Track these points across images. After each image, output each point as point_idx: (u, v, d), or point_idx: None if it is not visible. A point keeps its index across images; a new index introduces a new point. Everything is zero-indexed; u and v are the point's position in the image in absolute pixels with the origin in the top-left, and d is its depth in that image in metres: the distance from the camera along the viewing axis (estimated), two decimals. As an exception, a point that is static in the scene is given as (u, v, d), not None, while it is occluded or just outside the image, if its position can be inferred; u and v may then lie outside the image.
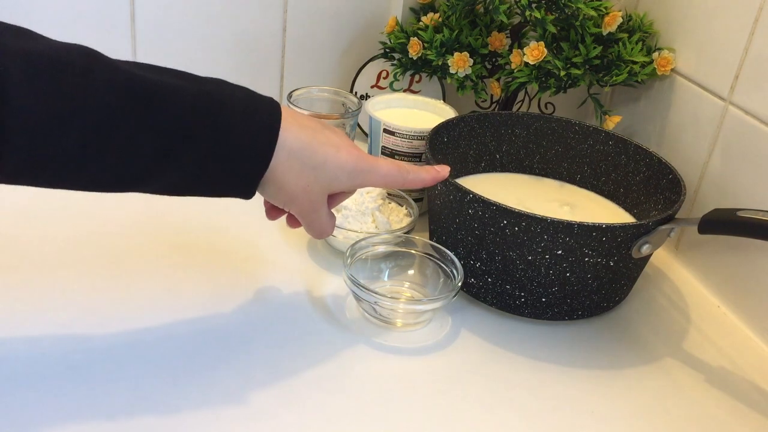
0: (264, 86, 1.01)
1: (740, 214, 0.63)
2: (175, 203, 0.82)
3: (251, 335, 0.65)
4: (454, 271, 0.69)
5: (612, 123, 0.89)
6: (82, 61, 0.50)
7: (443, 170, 0.67)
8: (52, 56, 0.49)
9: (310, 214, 0.62)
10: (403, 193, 0.80)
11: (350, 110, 0.83)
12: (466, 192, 0.66)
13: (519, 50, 0.87)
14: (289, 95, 0.82)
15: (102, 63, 0.51)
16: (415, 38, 0.91)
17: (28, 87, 0.47)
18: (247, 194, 0.60)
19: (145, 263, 0.72)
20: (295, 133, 0.58)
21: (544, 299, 0.69)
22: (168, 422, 0.55)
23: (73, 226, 0.76)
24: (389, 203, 0.80)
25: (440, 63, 0.89)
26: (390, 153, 0.82)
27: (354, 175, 0.61)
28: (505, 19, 0.87)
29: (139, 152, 0.53)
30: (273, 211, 0.67)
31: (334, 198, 0.65)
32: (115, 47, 0.90)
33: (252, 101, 0.57)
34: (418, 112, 0.87)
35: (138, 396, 0.57)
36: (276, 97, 1.03)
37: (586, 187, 0.85)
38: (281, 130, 0.57)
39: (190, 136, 0.54)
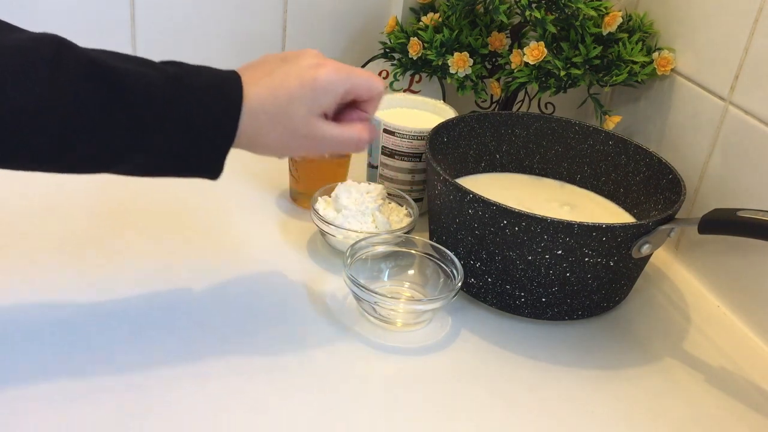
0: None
1: (740, 214, 0.63)
2: (175, 204, 0.82)
3: (251, 335, 0.65)
4: (454, 271, 0.69)
5: (612, 123, 0.89)
6: (51, 51, 0.51)
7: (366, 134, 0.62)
8: (21, 48, 0.50)
9: (321, 146, 0.60)
10: (403, 193, 0.80)
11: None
12: (466, 192, 0.66)
13: (519, 50, 0.87)
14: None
15: (71, 51, 0.52)
16: (415, 38, 0.91)
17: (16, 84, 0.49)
18: (215, 171, 0.60)
19: (144, 263, 0.72)
20: (253, 94, 0.57)
21: (544, 299, 0.69)
22: (168, 422, 0.55)
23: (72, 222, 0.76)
24: (389, 203, 0.80)
25: (440, 63, 0.89)
26: (390, 153, 0.82)
27: (316, 94, 0.58)
28: (505, 19, 0.87)
29: (109, 137, 0.54)
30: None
31: (351, 104, 0.62)
32: (116, 47, 0.90)
33: (213, 78, 0.57)
34: (418, 112, 0.87)
35: (137, 397, 0.57)
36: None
37: (586, 187, 0.85)
38: (243, 97, 0.57)
39: (158, 119, 0.54)
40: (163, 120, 0.54)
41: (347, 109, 0.62)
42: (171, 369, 0.60)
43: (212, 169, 0.60)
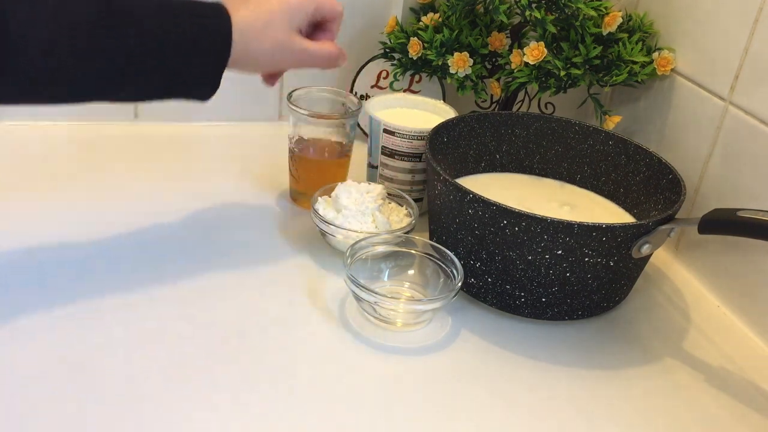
0: (264, 86, 1.01)
1: (740, 214, 0.63)
2: (175, 204, 0.82)
3: (251, 335, 0.65)
4: (454, 271, 0.69)
5: (612, 123, 0.89)
6: None
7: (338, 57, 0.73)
8: None
9: (302, 59, 0.69)
10: (403, 193, 0.80)
11: (350, 110, 0.83)
12: (466, 192, 0.66)
13: (519, 50, 0.87)
14: (289, 95, 0.82)
15: None
16: (415, 38, 0.91)
17: (25, 17, 0.54)
18: (212, 88, 0.65)
19: (144, 263, 0.72)
20: (238, 15, 0.64)
21: (544, 299, 0.69)
22: (168, 422, 0.55)
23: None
24: (389, 203, 0.80)
25: (440, 63, 0.89)
26: (390, 153, 0.82)
27: (292, 11, 0.67)
28: (505, 19, 0.87)
29: (119, 62, 0.59)
30: (268, 78, 0.74)
31: (319, 27, 0.72)
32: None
33: (200, 5, 0.63)
34: (418, 112, 0.87)
35: (135, 399, 0.57)
36: (276, 98, 1.04)
37: (586, 187, 0.85)
38: (231, 20, 0.64)
39: (160, 43, 0.60)
40: (161, 42, 0.60)
41: (316, 31, 0.72)
42: (170, 370, 0.60)
43: (209, 87, 0.65)
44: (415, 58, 0.91)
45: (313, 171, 0.83)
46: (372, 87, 1.00)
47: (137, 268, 0.71)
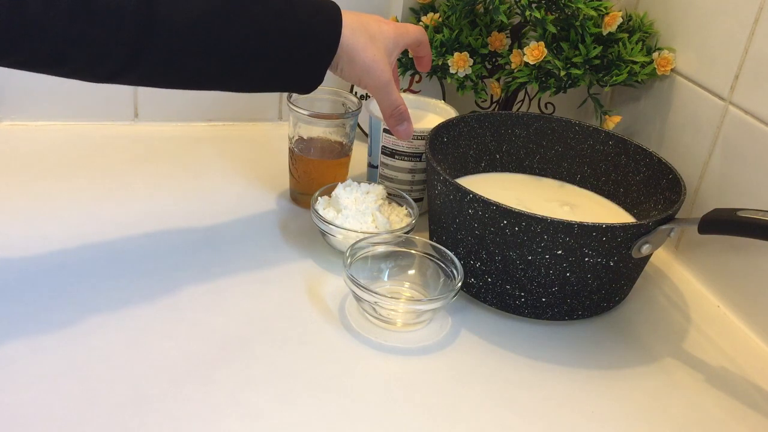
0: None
1: (740, 214, 0.63)
2: (174, 204, 0.82)
3: (251, 335, 0.65)
4: (454, 271, 0.69)
5: (612, 123, 0.89)
6: None
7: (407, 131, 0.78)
8: None
9: (386, 86, 0.73)
10: (403, 193, 0.80)
11: (350, 110, 0.83)
12: (466, 192, 0.66)
13: (519, 50, 0.87)
14: (289, 95, 0.82)
15: None
16: (415, 38, 0.91)
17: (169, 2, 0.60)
18: (317, 80, 0.70)
19: (143, 262, 0.72)
20: (351, 18, 0.70)
21: (544, 299, 0.69)
22: (168, 422, 0.55)
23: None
24: (389, 203, 0.80)
25: (440, 63, 0.89)
26: (390, 153, 0.82)
27: (394, 47, 0.75)
28: (505, 19, 0.87)
29: (239, 50, 0.64)
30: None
31: None
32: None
33: (316, 2, 0.69)
34: (418, 112, 0.87)
35: (138, 396, 0.57)
36: (276, 98, 1.04)
37: (586, 187, 0.85)
38: (343, 18, 0.70)
39: (275, 32, 0.65)
40: (278, 33, 0.65)
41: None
42: (170, 371, 0.60)
43: (314, 80, 0.70)
44: (415, 58, 0.91)
45: (313, 171, 0.83)
46: (372, 87, 1.00)
47: (137, 269, 0.71)
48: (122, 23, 0.58)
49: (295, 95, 0.82)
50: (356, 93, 1.00)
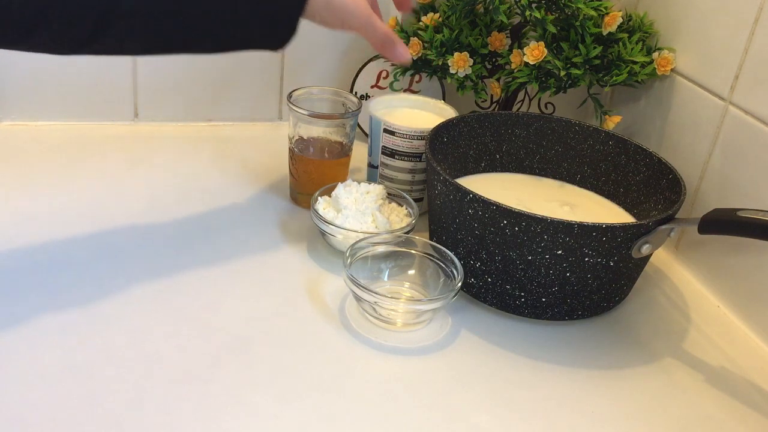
0: (264, 86, 1.02)
1: (740, 214, 0.63)
2: (174, 204, 0.82)
3: (251, 335, 0.65)
4: (454, 271, 0.69)
5: (612, 123, 0.89)
6: None
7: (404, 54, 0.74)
8: None
9: (369, 19, 0.69)
10: (403, 193, 0.80)
11: (350, 110, 0.83)
12: (466, 192, 0.66)
13: (519, 50, 0.87)
14: (289, 95, 0.82)
15: None
16: (415, 38, 0.91)
17: None
18: (290, 34, 0.66)
19: (143, 262, 0.72)
20: None
21: (544, 299, 0.69)
22: (168, 422, 0.55)
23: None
24: (389, 203, 0.80)
25: (440, 63, 0.89)
26: (390, 153, 0.82)
27: None
28: (505, 19, 0.87)
29: (209, 6, 0.62)
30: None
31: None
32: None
33: None
34: (418, 112, 0.87)
35: (138, 396, 0.57)
36: (276, 98, 1.04)
37: (586, 187, 0.85)
38: None
39: None
40: None
41: None
42: (169, 371, 0.60)
43: (287, 31, 0.66)
44: (415, 58, 0.91)
45: (313, 171, 0.83)
46: (372, 87, 1.00)
47: (136, 268, 0.71)
48: None
49: (295, 95, 0.82)
50: (356, 93, 1.00)
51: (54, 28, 0.57)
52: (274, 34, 0.67)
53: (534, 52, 0.84)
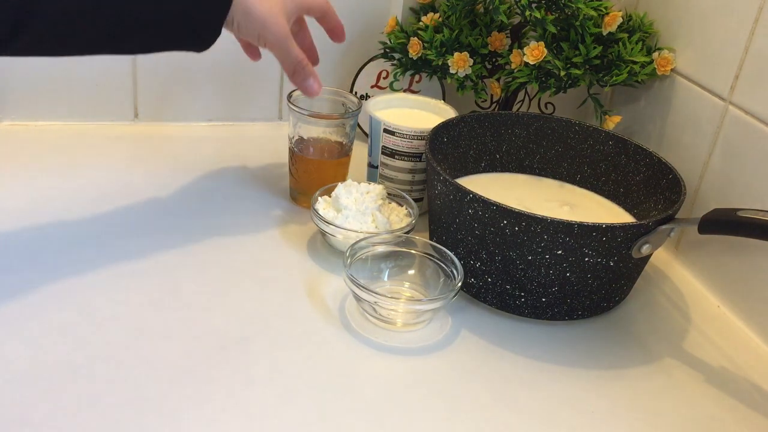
0: (264, 86, 1.02)
1: (740, 214, 0.63)
2: (174, 203, 0.82)
3: (251, 335, 0.65)
4: (454, 271, 0.69)
5: (612, 123, 0.89)
6: None
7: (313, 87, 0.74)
8: None
9: (285, 39, 0.70)
10: (403, 193, 0.80)
11: (350, 110, 0.83)
12: (466, 192, 0.66)
13: (519, 50, 0.87)
14: (289, 95, 0.82)
15: None
16: (415, 38, 0.91)
17: None
18: (212, 37, 0.67)
19: (144, 265, 0.72)
20: None
21: (544, 299, 0.69)
22: (168, 422, 0.55)
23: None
24: (389, 203, 0.80)
25: (440, 63, 0.89)
26: (390, 153, 0.82)
27: (293, 5, 0.71)
28: (505, 19, 0.87)
29: (129, 7, 0.61)
30: (249, 49, 0.78)
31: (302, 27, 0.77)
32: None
33: None
34: (418, 112, 0.87)
35: (138, 396, 0.57)
36: (276, 98, 1.04)
37: (586, 187, 0.85)
38: None
39: None
40: None
41: (300, 32, 0.77)
42: (169, 371, 0.60)
43: (210, 34, 0.67)
44: (415, 58, 0.91)
45: (313, 171, 0.83)
46: (372, 87, 1.00)
47: (136, 268, 0.71)
48: None
49: (295, 95, 0.82)
50: (356, 93, 1.00)
51: None
52: (198, 36, 0.67)
53: (534, 52, 0.84)
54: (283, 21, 0.69)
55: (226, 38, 0.97)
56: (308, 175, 0.84)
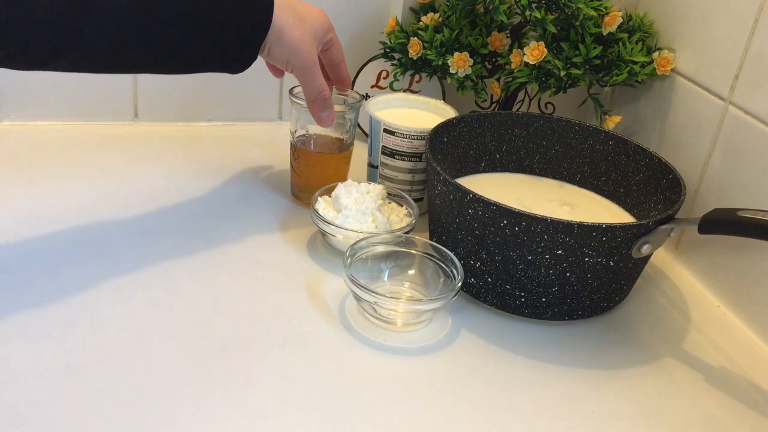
0: (265, 84, 1.02)
1: (740, 214, 0.63)
2: (174, 203, 0.82)
3: (251, 335, 0.65)
4: (454, 271, 0.69)
5: (612, 123, 0.89)
6: None
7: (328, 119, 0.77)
8: None
9: (312, 67, 0.72)
10: (403, 193, 0.80)
11: (350, 104, 0.83)
12: (466, 192, 0.66)
13: (519, 50, 0.87)
14: (291, 89, 0.82)
15: None
16: (415, 38, 0.91)
17: None
18: (248, 61, 0.69)
19: (144, 265, 0.72)
20: (278, 1, 0.69)
21: (544, 299, 0.69)
22: (168, 422, 0.55)
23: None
24: (389, 203, 0.80)
25: (440, 63, 0.89)
26: (390, 153, 0.82)
27: (323, 33, 0.74)
28: (505, 19, 0.87)
29: (171, 30, 0.63)
30: (275, 70, 0.79)
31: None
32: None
33: None
34: (418, 112, 0.87)
35: (138, 396, 0.57)
36: (276, 98, 1.04)
37: (586, 187, 0.85)
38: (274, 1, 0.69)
39: (208, 10, 0.64)
40: (211, 11, 0.64)
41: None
42: (169, 371, 0.60)
43: (246, 59, 0.69)
44: (415, 58, 0.91)
45: (314, 165, 0.83)
46: (372, 87, 1.00)
47: (136, 268, 0.71)
48: (54, 6, 0.56)
49: (297, 89, 0.82)
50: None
51: (12, 48, 0.57)
52: (236, 59, 0.68)
53: (534, 52, 0.84)
54: (313, 49, 0.72)
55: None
56: (310, 168, 0.83)
